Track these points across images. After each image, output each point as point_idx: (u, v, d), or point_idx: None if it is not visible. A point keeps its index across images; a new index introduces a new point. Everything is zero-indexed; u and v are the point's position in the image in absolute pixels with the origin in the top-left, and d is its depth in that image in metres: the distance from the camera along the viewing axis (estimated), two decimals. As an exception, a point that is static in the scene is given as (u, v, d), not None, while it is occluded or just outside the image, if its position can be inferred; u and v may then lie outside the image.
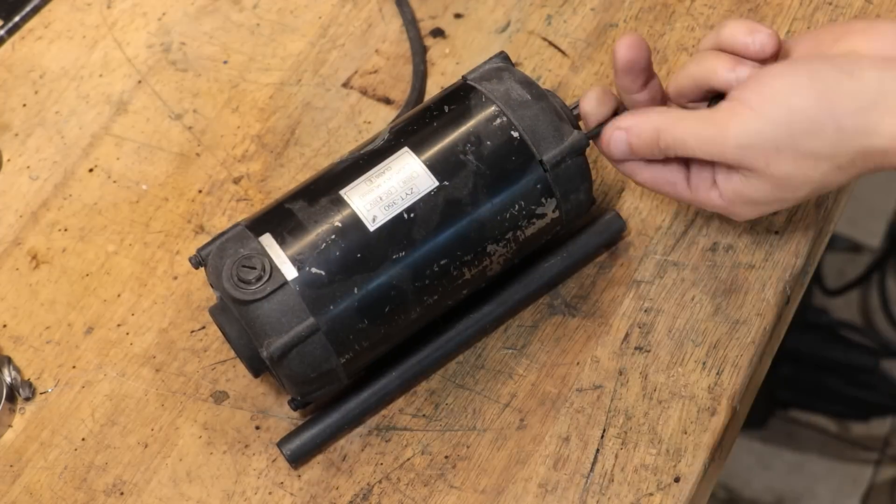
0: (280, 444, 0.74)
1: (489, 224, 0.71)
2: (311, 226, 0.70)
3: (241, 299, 0.68)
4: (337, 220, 0.70)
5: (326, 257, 0.69)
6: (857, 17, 0.86)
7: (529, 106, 0.72)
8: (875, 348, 1.69)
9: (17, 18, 0.95)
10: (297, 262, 0.69)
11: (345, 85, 0.89)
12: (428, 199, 0.70)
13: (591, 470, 0.73)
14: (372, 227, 0.70)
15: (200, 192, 0.86)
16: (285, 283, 0.68)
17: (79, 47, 0.94)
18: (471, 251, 0.72)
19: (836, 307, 1.78)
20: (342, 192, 0.71)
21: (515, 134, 0.72)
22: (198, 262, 0.72)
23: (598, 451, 0.73)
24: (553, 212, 0.73)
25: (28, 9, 0.95)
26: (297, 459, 0.74)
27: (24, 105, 0.91)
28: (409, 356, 0.76)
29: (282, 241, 0.69)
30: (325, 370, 0.70)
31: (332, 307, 0.69)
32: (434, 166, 0.71)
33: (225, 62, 0.92)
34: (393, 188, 0.70)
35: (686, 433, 0.73)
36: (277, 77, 0.90)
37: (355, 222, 0.70)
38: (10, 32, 0.95)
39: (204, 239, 0.83)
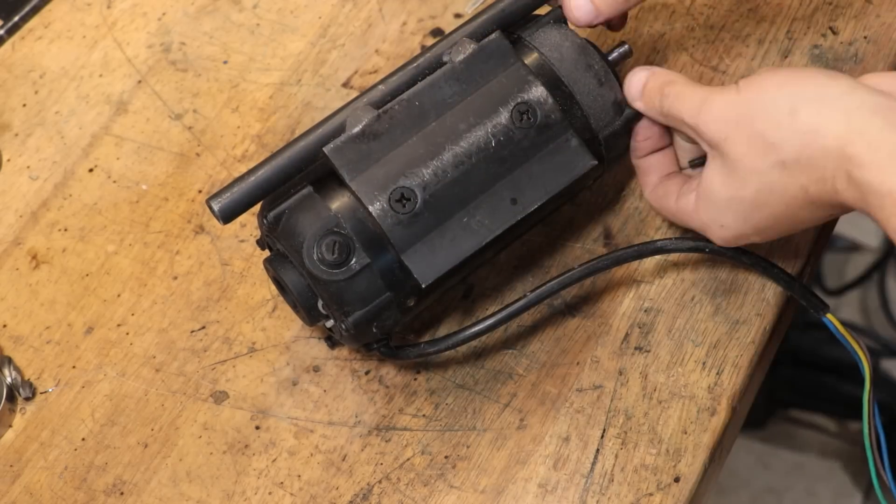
0: (209, 201, 0.70)
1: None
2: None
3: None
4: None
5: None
6: (856, 17, 0.86)
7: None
8: (875, 348, 1.69)
9: (16, 18, 0.95)
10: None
11: (345, 85, 0.89)
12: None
13: (591, 470, 0.73)
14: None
15: (200, 192, 0.86)
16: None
17: (79, 47, 0.94)
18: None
19: (837, 307, 1.78)
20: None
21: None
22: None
23: (598, 451, 0.73)
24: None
25: (28, 9, 0.95)
26: (228, 217, 0.70)
27: (24, 105, 0.91)
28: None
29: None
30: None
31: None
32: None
33: (225, 62, 0.92)
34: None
35: (686, 433, 0.73)
36: (277, 77, 0.90)
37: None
38: (10, 32, 0.95)
39: (204, 239, 0.83)
